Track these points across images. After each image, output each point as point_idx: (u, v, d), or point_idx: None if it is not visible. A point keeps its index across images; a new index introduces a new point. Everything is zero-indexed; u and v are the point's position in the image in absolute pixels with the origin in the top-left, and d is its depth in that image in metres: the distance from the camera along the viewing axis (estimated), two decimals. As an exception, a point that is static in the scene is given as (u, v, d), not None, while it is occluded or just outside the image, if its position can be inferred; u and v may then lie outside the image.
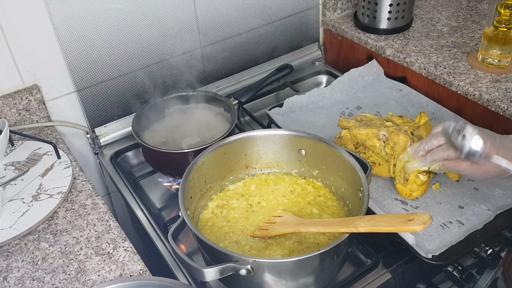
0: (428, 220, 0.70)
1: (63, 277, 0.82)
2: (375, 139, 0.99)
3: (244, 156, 0.99)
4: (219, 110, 1.16)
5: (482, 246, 0.88)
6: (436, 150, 0.84)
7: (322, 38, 1.50)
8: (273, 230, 0.86)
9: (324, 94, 1.27)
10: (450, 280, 0.88)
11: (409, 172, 0.93)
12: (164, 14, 1.17)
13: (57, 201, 0.94)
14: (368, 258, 0.89)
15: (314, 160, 0.97)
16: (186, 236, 0.92)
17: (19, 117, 1.11)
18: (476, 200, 0.96)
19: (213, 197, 0.97)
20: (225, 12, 1.26)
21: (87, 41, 1.10)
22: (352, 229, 0.75)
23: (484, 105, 1.11)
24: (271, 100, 1.34)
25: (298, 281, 0.78)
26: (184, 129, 1.12)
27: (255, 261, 0.72)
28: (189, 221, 0.79)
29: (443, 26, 1.37)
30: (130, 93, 1.21)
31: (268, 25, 1.36)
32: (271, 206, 0.94)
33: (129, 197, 1.07)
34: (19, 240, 0.89)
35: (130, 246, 0.88)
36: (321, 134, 0.97)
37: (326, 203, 0.95)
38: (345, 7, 1.46)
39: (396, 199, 0.98)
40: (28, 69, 1.08)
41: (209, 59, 1.30)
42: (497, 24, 1.13)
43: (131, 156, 1.20)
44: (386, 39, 1.34)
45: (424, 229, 0.69)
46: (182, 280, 0.88)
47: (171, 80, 1.24)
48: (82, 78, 1.13)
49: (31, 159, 1.04)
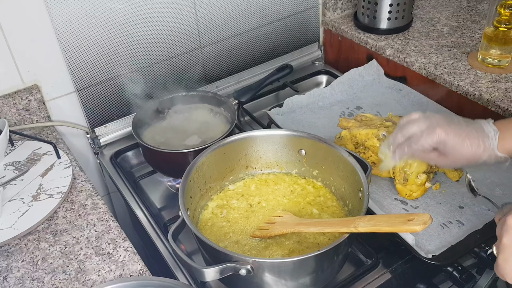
0: (428, 220, 0.69)
1: (63, 277, 0.82)
2: (375, 139, 0.99)
3: (244, 156, 0.99)
4: (219, 110, 1.16)
5: (482, 246, 0.88)
6: (402, 146, 0.82)
7: (322, 38, 1.50)
8: (273, 230, 0.86)
9: (324, 94, 1.26)
10: (450, 280, 0.87)
11: (384, 170, 0.93)
12: (164, 14, 1.17)
13: (57, 201, 0.94)
14: (368, 258, 0.89)
15: (314, 160, 0.97)
16: (186, 236, 0.92)
17: (19, 117, 1.11)
18: (476, 200, 0.96)
19: (213, 197, 0.97)
20: (225, 12, 1.26)
21: (87, 41, 1.10)
22: (352, 229, 0.75)
23: (484, 105, 1.11)
24: (271, 100, 1.34)
25: (298, 281, 0.78)
26: (184, 129, 1.12)
27: (255, 261, 0.72)
28: (189, 221, 0.79)
29: (443, 26, 1.37)
30: (130, 93, 1.21)
31: (268, 25, 1.36)
32: (271, 206, 0.94)
33: (129, 197, 1.07)
34: (19, 240, 0.89)
35: (130, 246, 0.88)
36: (321, 134, 0.97)
37: (326, 203, 0.95)
38: (345, 7, 1.46)
39: (396, 199, 0.98)
40: (28, 69, 1.08)
41: (209, 59, 1.30)
42: (497, 24, 1.13)
43: (131, 156, 1.20)
44: (386, 39, 1.34)
45: (424, 229, 0.69)
46: (182, 280, 0.88)
47: (171, 80, 1.24)
48: (82, 78, 1.13)
49: (31, 159, 1.04)
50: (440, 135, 0.77)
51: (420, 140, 0.78)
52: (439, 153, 0.80)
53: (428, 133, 0.78)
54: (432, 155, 0.81)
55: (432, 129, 0.77)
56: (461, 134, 0.77)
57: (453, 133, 0.77)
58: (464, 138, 0.77)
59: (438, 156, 0.81)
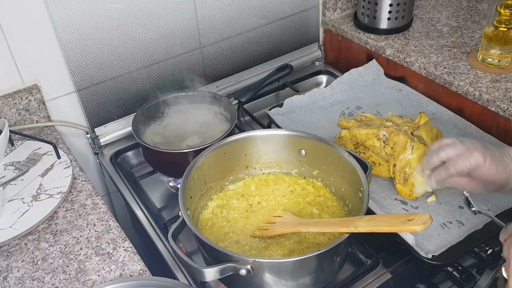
0: (428, 220, 0.69)
1: (63, 277, 0.82)
2: (375, 139, 0.99)
3: (244, 156, 0.99)
4: (219, 110, 1.16)
5: (482, 246, 0.88)
6: (439, 170, 0.82)
7: (322, 38, 1.50)
8: (273, 230, 0.86)
9: (324, 94, 1.26)
10: (450, 280, 0.87)
11: (419, 194, 0.94)
12: (164, 14, 1.17)
13: (57, 201, 0.94)
14: (368, 258, 0.89)
15: (314, 160, 0.97)
16: (186, 236, 0.92)
17: (19, 117, 1.11)
18: (476, 200, 0.96)
19: (213, 197, 0.97)
20: (225, 12, 1.26)
21: (87, 41, 1.10)
22: (352, 229, 0.75)
23: (484, 105, 1.11)
24: (271, 100, 1.34)
25: (298, 281, 0.78)
26: (184, 129, 1.12)
27: (255, 261, 0.72)
28: (189, 221, 0.79)
29: (443, 26, 1.37)
30: (130, 93, 1.21)
31: (268, 25, 1.36)
32: (271, 206, 0.94)
33: (129, 197, 1.07)
34: (19, 240, 0.89)
35: (130, 246, 0.88)
36: (321, 134, 0.97)
37: (326, 203, 0.95)
38: (345, 7, 1.46)
39: (396, 199, 0.98)
40: (28, 69, 1.08)
41: (209, 59, 1.30)
42: (497, 24, 1.13)
43: (131, 156, 1.20)
44: (386, 39, 1.34)
45: (424, 229, 0.69)
46: (182, 280, 0.88)
47: (171, 80, 1.24)
48: (82, 78, 1.13)
49: (31, 159, 1.04)
50: (478, 159, 0.77)
51: (458, 163, 0.79)
52: (470, 178, 0.81)
53: (466, 157, 0.78)
54: (463, 180, 0.82)
55: (470, 153, 0.78)
56: (495, 160, 0.78)
57: (490, 158, 0.77)
58: (498, 164, 0.78)
59: (470, 181, 0.81)
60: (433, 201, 0.97)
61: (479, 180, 0.80)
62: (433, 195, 0.98)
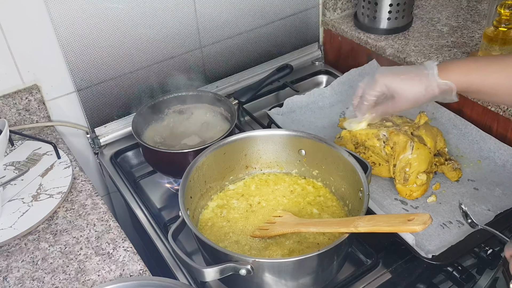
0: (428, 220, 0.70)
1: (63, 277, 0.82)
2: (375, 139, 1.00)
3: (244, 156, 0.99)
4: (219, 110, 1.16)
5: (482, 246, 0.88)
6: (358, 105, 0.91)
7: (322, 38, 1.50)
8: (273, 230, 0.86)
9: (324, 94, 1.27)
10: (450, 280, 0.88)
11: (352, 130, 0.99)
12: (164, 14, 1.17)
13: (57, 201, 0.94)
14: (368, 258, 0.89)
15: (314, 160, 0.97)
16: (186, 236, 0.92)
17: (19, 117, 1.11)
18: (476, 200, 0.96)
19: (213, 197, 0.97)
20: (225, 12, 1.26)
21: (87, 41, 1.10)
22: (352, 229, 0.75)
23: (484, 105, 1.11)
24: (271, 100, 1.34)
25: (298, 281, 0.78)
26: (184, 129, 1.12)
27: (255, 261, 0.72)
28: (189, 221, 0.79)
29: (443, 26, 1.37)
30: (130, 93, 1.21)
31: (268, 25, 1.36)
32: (271, 206, 0.94)
33: (129, 197, 1.07)
34: (19, 240, 0.89)
35: (130, 246, 0.88)
36: (321, 134, 0.97)
37: (326, 203, 0.95)
38: (345, 7, 1.46)
39: (396, 199, 0.98)
40: (28, 69, 1.08)
41: (209, 59, 1.30)
42: (497, 24, 1.13)
43: (131, 156, 1.20)
44: (386, 39, 1.34)
45: (424, 229, 0.69)
46: (182, 280, 0.88)
47: (171, 80, 1.24)
48: (82, 78, 1.13)
49: (31, 159, 1.04)
50: (379, 80, 0.83)
51: (366, 92, 0.86)
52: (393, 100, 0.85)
53: (370, 83, 0.86)
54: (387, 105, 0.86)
55: (372, 78, 0.85)
56: (400, 73, 0.83)
57: (391, 75, 0.83)
58: (405, 75, 0.82)
59: (394, 102, 0.85)
60: (433, 201, 0.97)
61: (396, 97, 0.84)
62: (433, 195, 0.98)
